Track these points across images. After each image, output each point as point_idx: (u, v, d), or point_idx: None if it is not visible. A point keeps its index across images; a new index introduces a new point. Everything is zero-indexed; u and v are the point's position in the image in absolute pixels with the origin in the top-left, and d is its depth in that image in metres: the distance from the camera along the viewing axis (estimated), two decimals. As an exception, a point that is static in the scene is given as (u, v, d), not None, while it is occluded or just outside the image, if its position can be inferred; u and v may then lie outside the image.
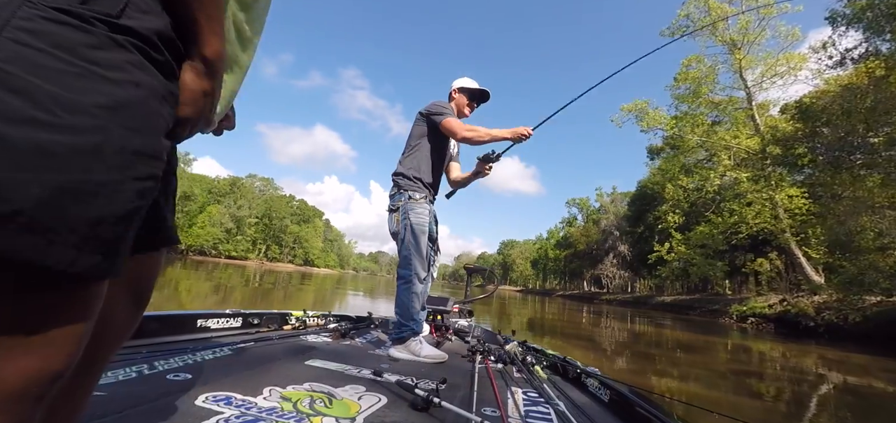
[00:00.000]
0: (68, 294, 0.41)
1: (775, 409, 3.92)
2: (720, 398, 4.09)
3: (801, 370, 6.53)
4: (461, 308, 3.53)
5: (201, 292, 9.93)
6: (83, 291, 0.42)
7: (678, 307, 26.92)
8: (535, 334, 9.22)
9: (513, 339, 2.79)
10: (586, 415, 1.55)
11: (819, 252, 16.71)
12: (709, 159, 20.48)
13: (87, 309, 0.43)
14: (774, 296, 18.71)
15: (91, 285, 0.42)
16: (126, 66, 0.41)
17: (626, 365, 5.66)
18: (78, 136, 0.37)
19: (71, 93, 0.37)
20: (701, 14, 18.73)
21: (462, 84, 2.73)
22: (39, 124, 0.35)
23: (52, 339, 0.40)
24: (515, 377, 2.04)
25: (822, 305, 15.24)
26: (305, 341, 2.39)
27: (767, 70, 18.39)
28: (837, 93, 14.63)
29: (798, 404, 4.19)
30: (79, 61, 0.38)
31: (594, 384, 1.91)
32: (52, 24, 0.38)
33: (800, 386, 5.19)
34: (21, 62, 0.36)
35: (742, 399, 4.16)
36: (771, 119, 18.87)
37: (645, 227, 40.48)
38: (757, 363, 7.08)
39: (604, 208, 57.10)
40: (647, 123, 19.64)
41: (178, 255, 62.96)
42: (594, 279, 59.88)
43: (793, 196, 16.65)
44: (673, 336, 11.22)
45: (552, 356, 2.41)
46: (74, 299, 0.42)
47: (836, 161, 14.17)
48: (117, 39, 0.41)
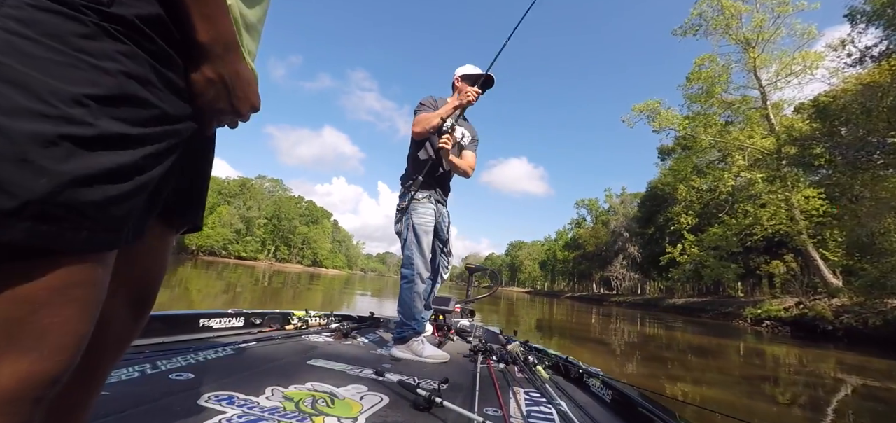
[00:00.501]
0: (68, 286, 0.40)
1: (801, 416, 3.80)
2: (738, 402, 3.98)
3: (820, 374, 6.36)
4: (463, 308, 3.52)
5: (212, 292, 10.03)
6: (86, 274, 0.41)
7: (690, 310, 26.64)
8: (544, 336, 9.16)
9: (515, 339, 2.77)
10: (589, 415, 1.55)
11: (837, 254, 16.27)
12: (722, 160, 20.11)
13: (87, 296, 0.42)
14: (790, 299, 18.30)
15: (96, 270, 0.42)
16: (116, 56, 0.41)
17: (640, 369, 5.56)
18: (75, 126, 0.37)
19: (65, 83, 0.37)
20: (714, 12, 18.41)
21: (463, 72, 2.63)
22: (38, 116, 0.35)
23: (49, 339, 0.39)
24: (517, 378, 2.04)
25: (840, 308, 14.88)
26: (307, 341, 2.39)
27: (782, 69, 17.96)
28: (857, 91, 14.23)
29: (816, 409, 4.06)
30: (70, 51, 0.38)
31: (596, 385, 1.91)
32: (43, 12, 0.37)
33: (819, 391, 5.04)
34: (14, 53, 0.36)
35: (763, 405, 4.05)
36: (786, 119, 18.43)
37: (656, 228, 39.95)
38: (776, 368, 6.92)
39: (613, 209, 56.56)
40: (659, 124, 19.34)
41: (189, 255, 64.06)
42: (603, 281, 59.30)
43: (809, 197, 16.23)
44: (686, 339, 11.02)
45: (554, 356, 2.40)
46: (75, 287, 0.41)
47: (856, 161, 13.79)
48: (107, 28, 0.40)
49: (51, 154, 0.35)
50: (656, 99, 19.74)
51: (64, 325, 0.40)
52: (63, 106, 0.36)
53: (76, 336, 0.42)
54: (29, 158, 0.34)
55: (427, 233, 2.40)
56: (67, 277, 0.40)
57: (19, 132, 0.34)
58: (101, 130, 0.39)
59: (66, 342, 0.41)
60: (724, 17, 18.18)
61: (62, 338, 0.40)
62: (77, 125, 0.37)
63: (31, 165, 0.34)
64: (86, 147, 0.37)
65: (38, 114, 0.35)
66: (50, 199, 0.35)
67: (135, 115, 0.42)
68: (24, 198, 0.34)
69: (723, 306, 23.35)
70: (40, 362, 0.39)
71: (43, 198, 0.35)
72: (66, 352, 0.41)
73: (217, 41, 0.50)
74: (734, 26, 18.40)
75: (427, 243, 2.40)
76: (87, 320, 0.43)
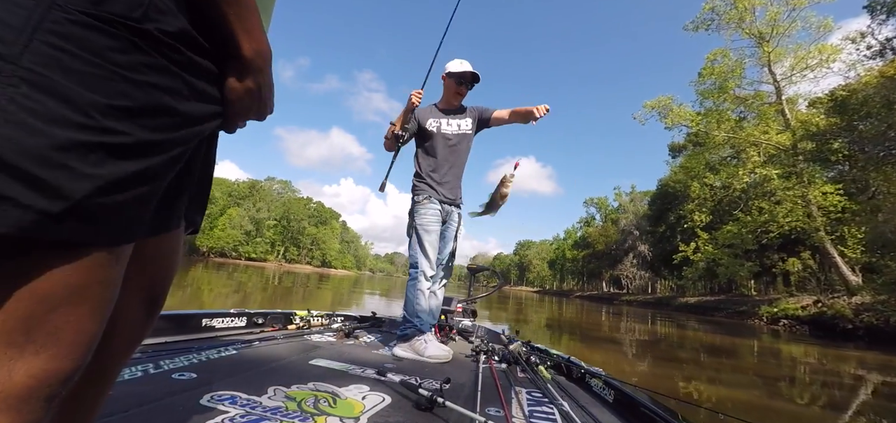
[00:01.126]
0: (84, 285, 0.42)
1: (831, 417, 3.68)
2: (762, 404, 3.87)
3: (842, 373, 6.19)
4: (465, 308, 3.52)
5: (223, 292, 10.14)
6: (102, 273, 0.44)
7: (703, 309, 26.33)
8: (553, 335, 9.08)
9: (517, 339, 2.77)
10: (591, 415, 1.55)
11: (856, 251, 15.83)
12: (734, 157, 19.70)
13: (102, 295, 0.44)
14: (807, 297, 17.90)
15: (111, 269, 0.45)
16: (146, 69, 0.44)
17: (656, 370, 5.45)
18: (110, 136, 0.41)
19: (101, 95, 0.40)
20: (727, 7, 18.03)
21: (449, 68, 2.61)
22: (78, 125, 0.39)
23: (63, 337, 0.41)
24: (519, 378, 2.04)
25: (860, 306, 14.52)
26: (310, 341, 2.41)
27: (798, 63, 17.52)
28: (878, 84, 13.80)
29: (844, 409, 3.92)
30: (107, 65, 0.41)
31: (598, 385, 1.90)
32: (81, 28, 0.40)
33: (846, 390, 4.88)
34: (57, 67, 0.39)
35: (786, 405, 3.94)
36: (801, 114, 17.95)
37: (667, 226, 39.44)
38: (796, 367, 6.77)
39: (623, 208, 56.05)
40: (671, 120, 18.97)
41: (201, 257, 65.07)
42: (613, 280, 58.75)
43: (827, 193, 15.81)
44: (702, 339, 10.80)
45: (556, 355, 2.39)
46: (90, 286, 0.43)
47: (878, 156, 13.38)
48: (139, 43, 0.43)
49: (89, 160, 0.39)
50: (667, 95, 19.40)
51: (78, 323, 0.42)
52: (99, 117, 0.40)
53: (89, 335, 0.43)
54: (70, 165, 0.38)
55: (429, 232, 2.44)
56: (84, 275, 0.42)
57: (63, 140, 0.38)
58: (133, 139, 0.42)
59: (80, 340, 0.42)
60: (737, 12, 17.80)
61: (76, 336, 0.42)
62: (111, 134, 0.41)
63: (73, 170, 0.38)
64: (119, 155, 0.41)
65: (78, 124, 0.39)
66: (88, 200, 0.39)
67: (163, 123, 0.46)
68: (69, 200, 0.38)
69: (736, 305, 23.02)
70: (55, 360, 0.40)
71: (82, 200, 0.38)
72: (80, 350, 0.42)
73: (259, 55, 0.54)
74: (747, 20, 18.01)
75: (430, 242, 2.44)
76: (99, 318, 0.44)
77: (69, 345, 0.41)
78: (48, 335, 0.40)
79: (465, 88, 2.63)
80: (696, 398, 3.77)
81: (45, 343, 0.39)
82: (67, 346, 0.41)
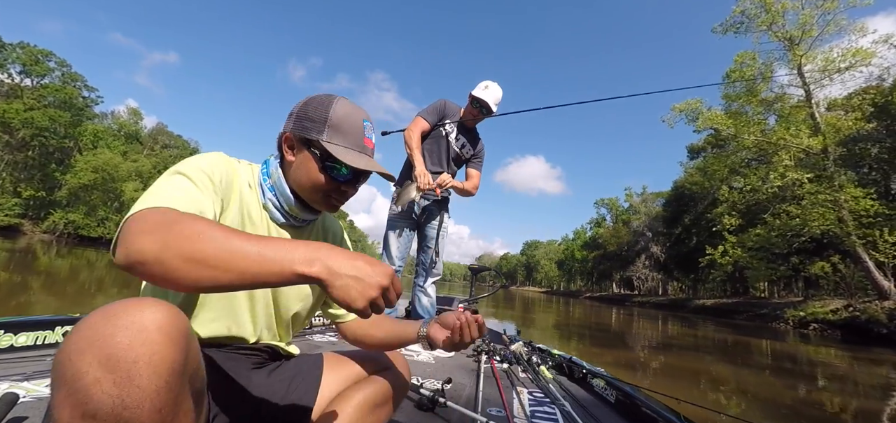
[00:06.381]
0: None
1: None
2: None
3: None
4: (466, 308, 3.58)
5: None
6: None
7: (721, 311, 26.20)
8: (562, 337, 8.91)
9: (518, 338, 2.76)
10: (592, 416, 1.54)
11: (889, 256, 15.83)
12: (757, 158, 19.65)
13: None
14: (837, 301, 17.89)
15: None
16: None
17: (684, 382, 5.09)
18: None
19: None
20: (757, 10, 18.02)
21: (475, 93, 2.69)
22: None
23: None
24: (521, 377, 2.02)
25: (893, 310, 14.53)
26: (311, 341, 2.41)
27: (828, 65, 17.51)
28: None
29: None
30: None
31: (600, 385, 1.88)
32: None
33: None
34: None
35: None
36: (831, 118, 17.94)
37: (682, 228, 39.31)
38: (847, 375, 6.69)
39: (634, 208, 55.77)
40: (702, 124, 19.02)
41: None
42: (624, 281, 58.55)
43: (858, 198, 15.80)
44: (730, 341, 10.57)
45: (558, 356, 2.37)
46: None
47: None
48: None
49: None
50: (696, 99, 19.41)
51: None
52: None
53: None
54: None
55: (393, 229, 2.74)
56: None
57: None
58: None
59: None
60: (768, 16, 17.78)
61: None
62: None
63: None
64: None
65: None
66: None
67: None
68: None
69: (756, 308, 22.98)
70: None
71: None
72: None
73: (321, 274, 0.54)
74: (778, 23, 18.00)
75: (393, 236, 2.73)
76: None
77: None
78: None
79: (480, 113, 2.70)
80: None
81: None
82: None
